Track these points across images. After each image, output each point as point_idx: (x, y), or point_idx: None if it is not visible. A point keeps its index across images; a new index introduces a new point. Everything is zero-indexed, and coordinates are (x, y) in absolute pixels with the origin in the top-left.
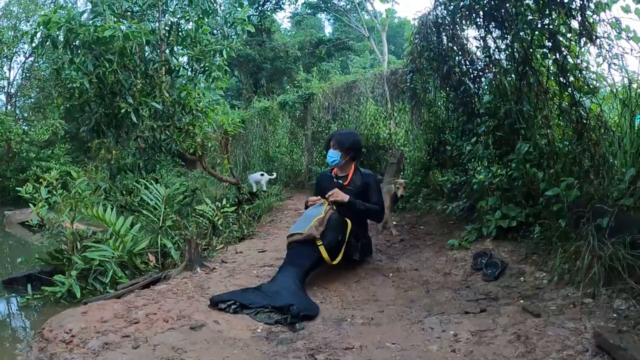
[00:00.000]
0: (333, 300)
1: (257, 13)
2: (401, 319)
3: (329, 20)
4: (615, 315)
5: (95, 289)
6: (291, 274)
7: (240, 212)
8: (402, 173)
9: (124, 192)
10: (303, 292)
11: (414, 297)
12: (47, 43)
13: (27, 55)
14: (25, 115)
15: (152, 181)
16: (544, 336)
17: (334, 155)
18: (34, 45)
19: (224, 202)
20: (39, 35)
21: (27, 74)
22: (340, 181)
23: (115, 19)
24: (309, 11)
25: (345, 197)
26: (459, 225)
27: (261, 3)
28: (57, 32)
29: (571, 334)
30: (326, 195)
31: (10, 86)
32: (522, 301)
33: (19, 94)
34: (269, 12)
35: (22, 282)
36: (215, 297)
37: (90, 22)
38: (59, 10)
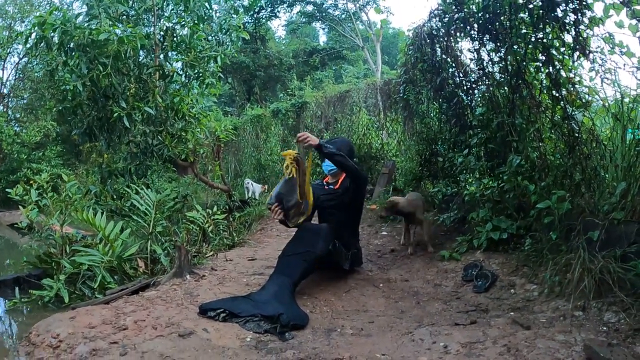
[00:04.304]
0: (323, 310)
1: (252, 20)
2: (391, 329)
3: (323, 29)
4: (605, 328)
5: (83, 294)
6: (281, 283)
7: (231, 219)
8: (393, 183)
9: (115, 197)
10: (293, 301)
11: (404, 308)
12: (42, 44)
13: (20, 56)
14: (18, 116)
15: (143, 186)
16: (534, 349)
17: (331, 164)
18: (28, 46)
19: (215, 209)
20: (33, 36)
21: (21, 75)
22: (331, 186)
23: (110, 23)
24: (304, 20)
25: (315, 140)
26: (449, 236)
27: (256, 10)
28: (52, 34)
29: (561, 347)
30: (296, 138)
31: (3, 86)
32: (512, 313)
33: (11, 94)
34: (264, 20)
35: (10, 285)
36: (205, 305)
37: (86, 24)
38: (54, 12)
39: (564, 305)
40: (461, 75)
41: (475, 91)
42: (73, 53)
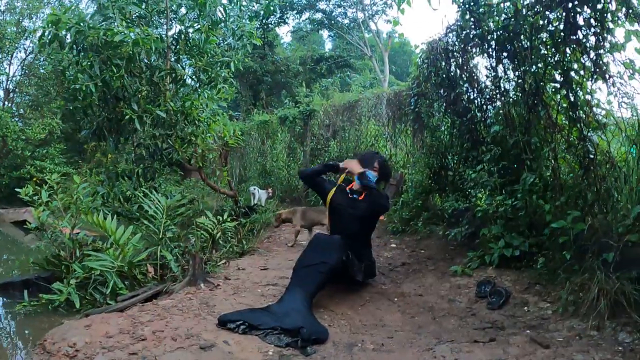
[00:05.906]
0: (341, 324)
1: (261, 26)
2: (412, 345)
3: (330, 37)
4: (620, 348)
5: (94, 299)
6: (299, 295)
7: (239, 226)
8: (402, 195)
9: (121, 199)
10: (311, 315)
11: (421, 323)
12: (54, 43)
13: (27, 53)
14: (22, 112)
15: (152, 190)
16: None
17: (373, 176)
18: (40, 43)
19: (225, 215)
20: (46, 34)
21: (27, 71)
22: (355, 196)
23: (124, 24)
24: (311, 27)
25: (359, 169)
26: (459, 251)
27: (265, 17)
28: (65, 33)
29: None
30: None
31: (9, 82)
32: (528, 331)
33: (17, 90)
34: (272, 26)
35: (18, 287)
36: (224, 316)
37: (99, 25)
38: (68, 12)
39: (579, 325)
40: (476, 91)
41: (489, 107)
42: (86, 53)
